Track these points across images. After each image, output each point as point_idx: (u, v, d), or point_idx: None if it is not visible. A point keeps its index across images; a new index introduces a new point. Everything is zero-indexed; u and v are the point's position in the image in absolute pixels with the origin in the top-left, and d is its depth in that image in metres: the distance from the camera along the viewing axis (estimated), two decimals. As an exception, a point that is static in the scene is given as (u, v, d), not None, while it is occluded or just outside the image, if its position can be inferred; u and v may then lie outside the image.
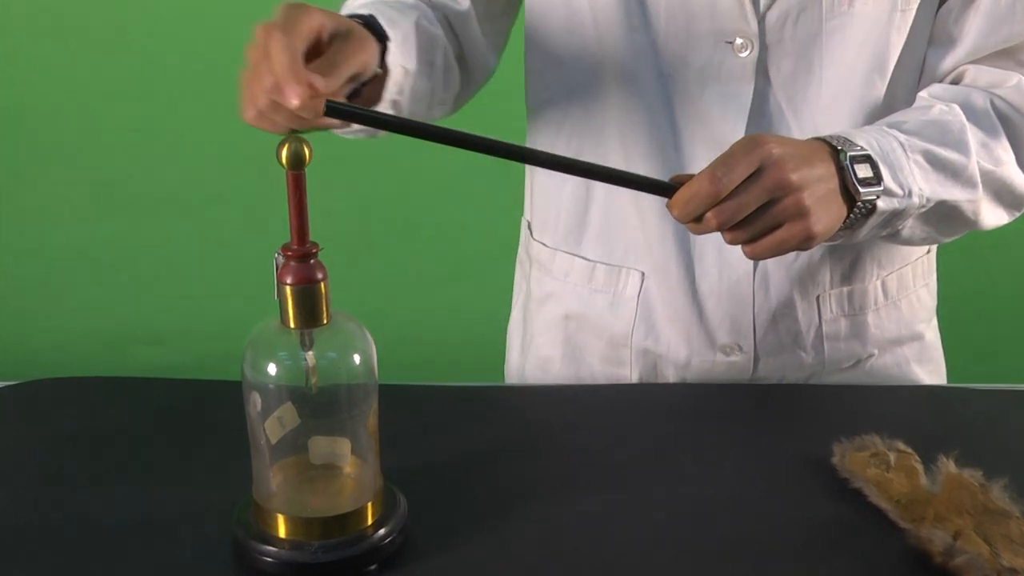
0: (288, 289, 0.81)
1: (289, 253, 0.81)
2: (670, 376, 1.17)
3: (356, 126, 0.99)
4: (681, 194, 0.88)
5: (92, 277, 2.46)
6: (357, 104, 0.96)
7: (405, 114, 1.01)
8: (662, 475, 0.96)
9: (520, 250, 1.29)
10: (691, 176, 0.89)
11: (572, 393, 1.13)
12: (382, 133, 0.83)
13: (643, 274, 1.14)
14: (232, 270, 2.36)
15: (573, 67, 1.11)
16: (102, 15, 2.28)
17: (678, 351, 1.15)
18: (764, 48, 1.03)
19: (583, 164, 0.89)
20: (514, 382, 1.28)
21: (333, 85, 0.81)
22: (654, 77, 1.06)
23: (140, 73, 2.30)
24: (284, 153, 0.79)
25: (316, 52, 0.82)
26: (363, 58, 0.86)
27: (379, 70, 0.91)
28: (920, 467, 0.93)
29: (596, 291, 1.17)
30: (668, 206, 0.90)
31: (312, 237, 0.81)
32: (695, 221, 0.89)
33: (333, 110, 0.79)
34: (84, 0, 2.28)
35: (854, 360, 1.16)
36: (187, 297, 2.45)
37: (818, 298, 1.13)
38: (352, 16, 0.92)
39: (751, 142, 0.89)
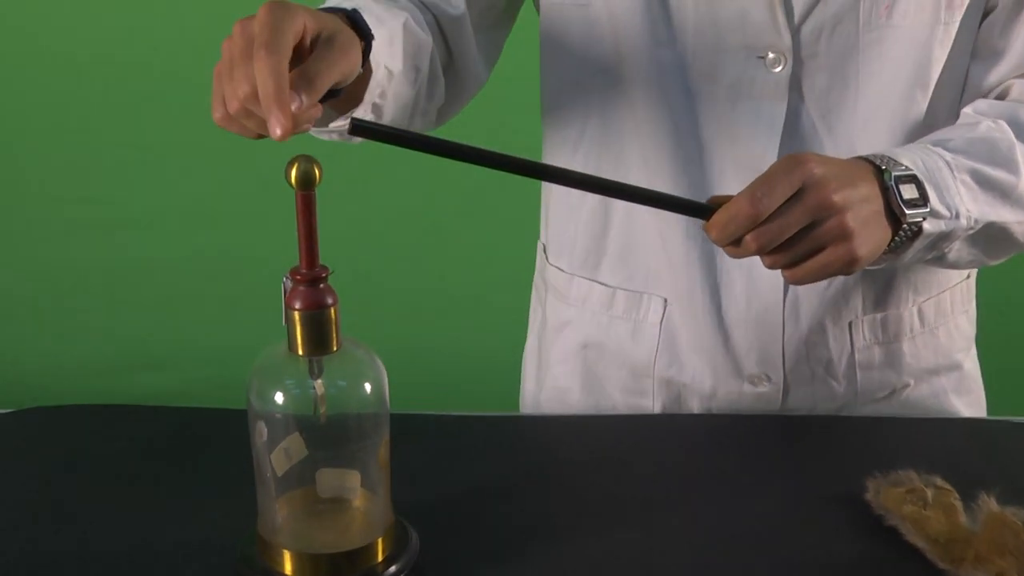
0: (296, 315, 0.81)
1: (298, 277, 0.81)
2: (695, 407, 1.16)
3: (333, 125, 0.99)
4: (719, 216, 0.89)
5: (89, 300, 2.47)
6: (358, 115, 0.97)
7: (387, 120, 1.01)
8: (685, 510, 0.95)
9: (536, 275, 1.29)
10: (729, 197, 0.89)
11: (591, 424, 1.13)
12: (356, 138, 0.83)
13: (666, 300, 1.14)
14: (237, 293, 2.36)
15: (591, 83, 1.11)
16: (98, 24, 2.29)
17: (703, 381, 1.15)
18: (798, 63, 1.03)
19: (616, 184, 0.90)
20: (529, 412, 1.28)
21: (314, 99, 0.81)
22: (680, 94, 1.06)
23: (136, 85, 2.31)
24: (293, 173, 0.79)
25: (297, 56, 0.82)
26: (346, 66, 0.85)
27: (360, 70, 0.90)
28: (959, 504, 0.92)
29: (616, 318, 1.17)
30: (705, 228, 0.90)
31: (322, 260, 0.81)
32: (733, 244, 0.89)
33: (358, 128, 0.79)
34: (83, 9, 2.29)
35: (888, 390, 1.16)
36: (189, 321, 2.45)
37: (850, 324, 1.13)
38: (336, 9, 0.91)
39: (792, 161, 0.89)
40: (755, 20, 1.02)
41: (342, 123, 0.98)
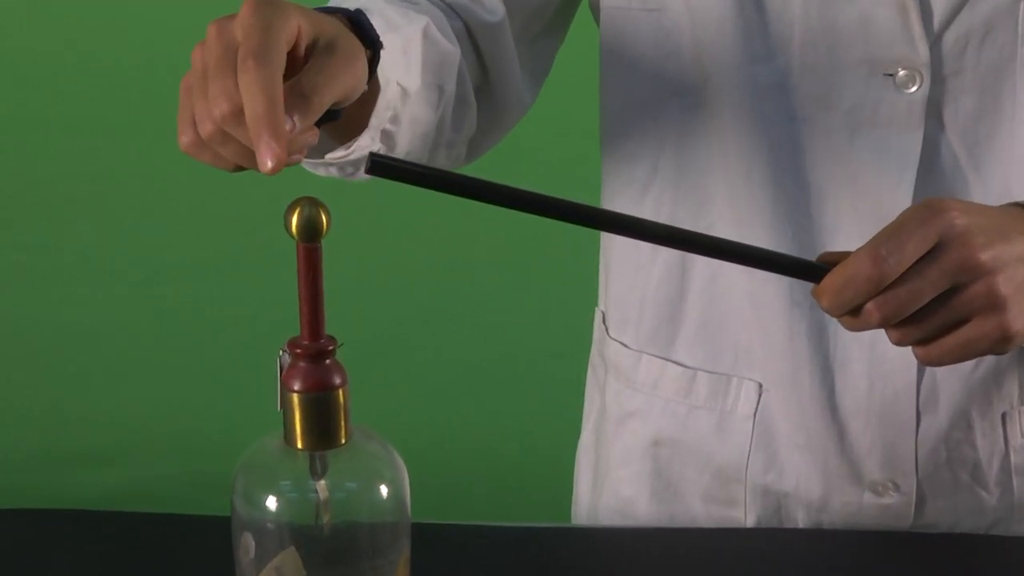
0: (296, 398, 0.80)
1: (298, 351, 0.80)
2: (800, 520, 1.15)
3: (330, 157, 0.99)
4: (833, 278, 0.88)
5: (22, 374, 2.48)
6: (365, 144, 0.97)
7: (402, 153, 1.02)
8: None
9: (593, 351, 1.29)
10: (846, 254, 0.89)
11: (664, 539, 1.12)
12: (361, 173, 0.82)
13: (761, 385, 1.14)
14: (216, 368, 2.38)
15: (666, 108, 1.11)
16: (49, 36, 2.35)
17: (810, 489, 1.13)
18: (938, 82, 1.03)
19: (697, 236, 0.90)
20: (584, 523, 1.27)
21: (310, 121, 0.81)
22: (783, 122, 1.06)
23: (94, 109, 2.36)
24: (295, 220, 0.78)
25: (288, 67, 0.81)
26: (349, 79, 0.85)
27: (366, 86, 0.90)
28: None
29: (696, 408, 1.16)
30: (815, 294, 0.89)
31: (328, 328, 0.80)
32: (851, 314, 0.88)
33: (379, 166, 0.79)
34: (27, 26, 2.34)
35: (1054, 503, 1.15)
36: (151, 401, 2.46)
37: (1004, 417, 1.12)
38: (335, 10, 0.91)
39: (926, 210, 0.88)
40: (881, 28, 1.02)
41: (342, 154, 0.98)
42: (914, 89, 1.02)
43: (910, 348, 0.91)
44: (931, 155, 1.04)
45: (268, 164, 0.76)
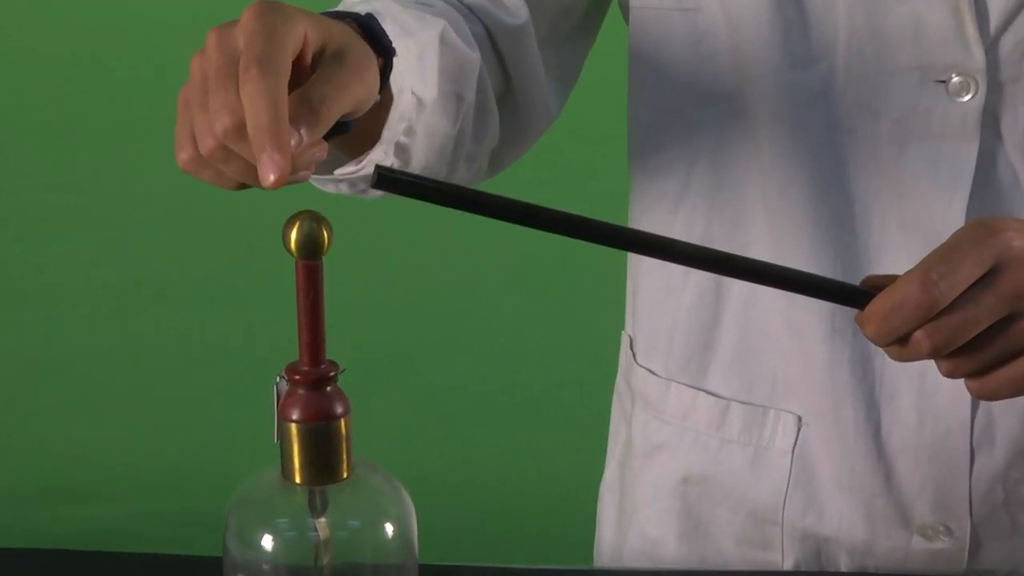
0: (294, 428, 0.80)
1: (297, 377, 0.80)
2: (842, 565, 1.15)
3: (339, 172, 0.99)
4: (879, 304, 0.88)
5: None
6: (378, 158, 0.97)
7: (418, 168, 1.02)
8: None
9: (619, 379, 1.29)
10: (893, 278, 0.89)
11: None
12: (374, 191, 0.83)
13: (800, 418, 1.14)
14: (208, 397, 2.38)
15: (700, 116, 1.11)
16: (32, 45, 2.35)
17: (854, 531, 1.13)
18: (994, 89, 1.03)
19: (733, 258, 0.90)
20: (607, 565, 1.28)
21: (318, 135, 0.80)
22: (825, 132, 1.06)
23: (66, 113, 2.37)
24: (294, 236, 0.78)
25: (294, 77, 0.81)
26: (361, 90, 0.85)
27: (378, 96, 0.90)
28: None
29: (730, 442, 1.16)
30: (859, 321, 0.89)
31: (329, 353, 0.80)
32: (899, 343, 0.89)
33: (384, 180, 0.79)
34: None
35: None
36: (136, 433, 2.46)
37: None
38: (344, 14, 0.91)
39: (982, 229, 0.89)
40: (933, 30, 1.02)
41: (353, 170, 0.98)
42: (968, 97, 1.02)
43: (963, 380, 0.91)
44: (986, 169, 1.04)
45: (270, 177, 0.76)
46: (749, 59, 1.07)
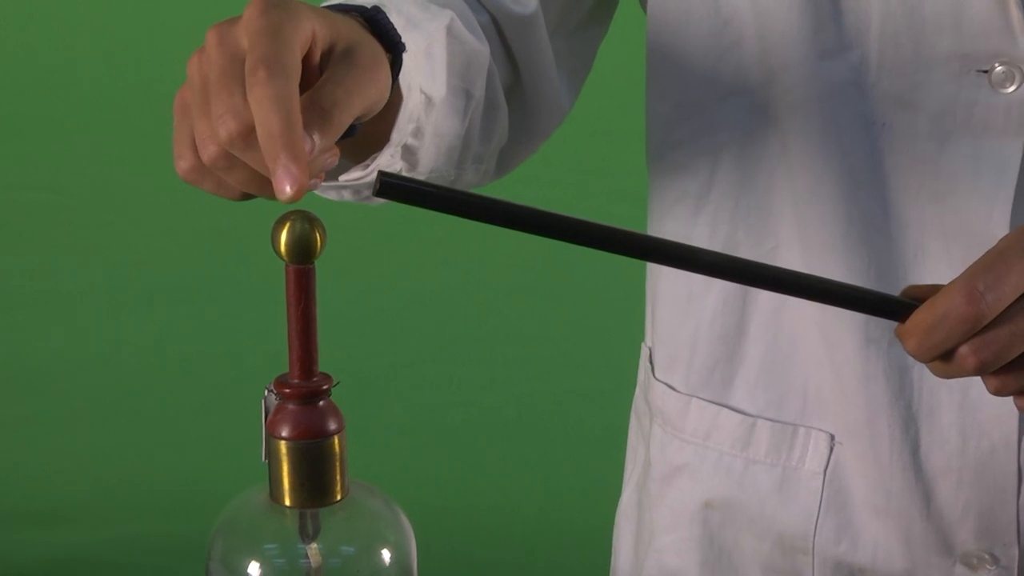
0: (283, 446, 0.80)
1: (287, 391, 0.81)
2: None
3: (345, 179, 0.99)
4: (922, 317, 0.88)
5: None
6: (385, 163, 0.97)
7: (425, 171, 1.02)
8: None
9: (636, 394, 1.30)
10: (935, 288, 0.89)
11: None
12: (378, 199, 0.83)
13: (832, 437, 1.14)
14: (190, 412, 2.38)
15: (723, 111, 1.12)
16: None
17: (891, 560, 1.13)
18: None
19: (759, 267, 0.90)
20: None
21: (331, 140, 0.80)
22: (858, 127, 1.06)
23: (40, 106, 2.37)
24: (284, 237, 0.79)
25: (303, 76, 0.81)
26: (373, 92, 0.84)
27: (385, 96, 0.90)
28: None
29: (755, 463, 1.17)
30: (900, 334, 0.90)
31: (321, 365, 0.81)
32: (942, 358, 0.89)
33: (389, 187, 0.79)
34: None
35: None
36: (114, 451, 2.45)
37: None
38: (351, 8, 0.91)
39: None
40: (975, 17, 1.02)
41: (359, 175, 0.98)
42: (1012, 88, 1.02)
43: (1011, 399, 0.91)
44: None
45: (287, 191, 0.75)
46: (776, 48, 1.07)
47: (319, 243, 0.79)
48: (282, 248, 0.78)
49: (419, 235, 2.24)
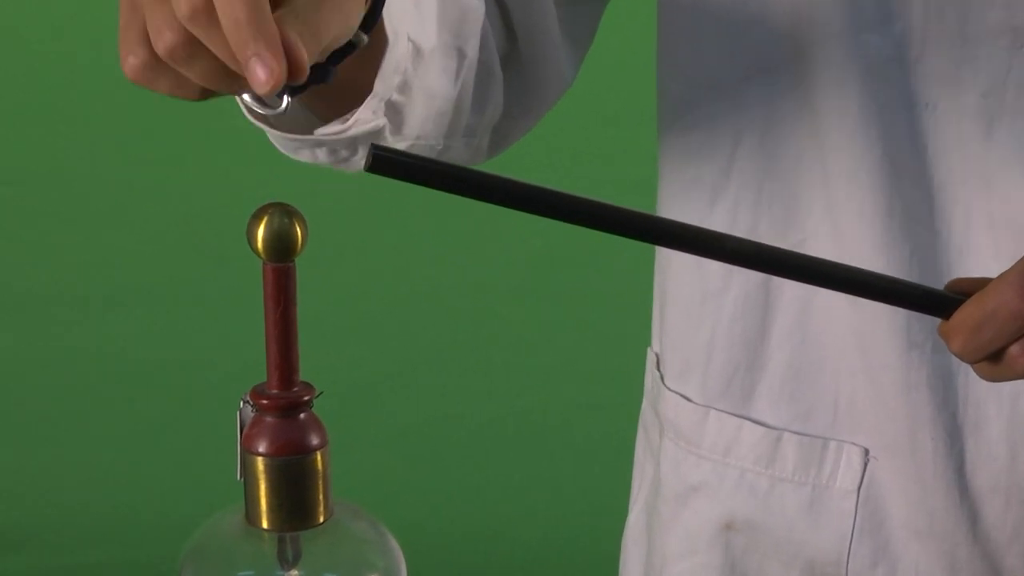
0: (261, 463, 0.80)
1: (264, 402, 0.80)
2: None
3: (321, 132, 0.98)
4: (969, 312, 0.89)
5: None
6: (366, 114, 0.97)
7: (412, 136, 1.02)
8: None
9: (644, 405, 1.29)
10: (983, 282, 0.89)
11: None
12: (359, 159, 0.86)
13: (867, 452, 1.14)
14: (158, 426, 2.39)
15: (746, 90, 1.12)
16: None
17: None
18: None
19: (786, 256, 0.90)
20: None
21: (314, 51, 0.79)
22: (900, 107, 1.06)
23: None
24: (261, 233, 0.78)
25: None
26: (339, 20, 0.83)
27: (364, 36, 0.88)
28: None
29: (782, 481, 1.16)
30: (943, 332, 0.90)
31: (303, 373, 0.81)
32: (989, 359, 0.89)
33: (382, 161, 0.79)
34: None
35: None
36: (74, 469, 2.47)
37: None
38: None
39: None
40: None
41: (338, 129, 0.98)
42: None
43: None
44: None
45: (260, 75, 0.74)
46: (809, 20, 1.06)
47: (300, 239, 0.78)
48: (259, 244, 0.78)
49: (409, 230, 2.26)
